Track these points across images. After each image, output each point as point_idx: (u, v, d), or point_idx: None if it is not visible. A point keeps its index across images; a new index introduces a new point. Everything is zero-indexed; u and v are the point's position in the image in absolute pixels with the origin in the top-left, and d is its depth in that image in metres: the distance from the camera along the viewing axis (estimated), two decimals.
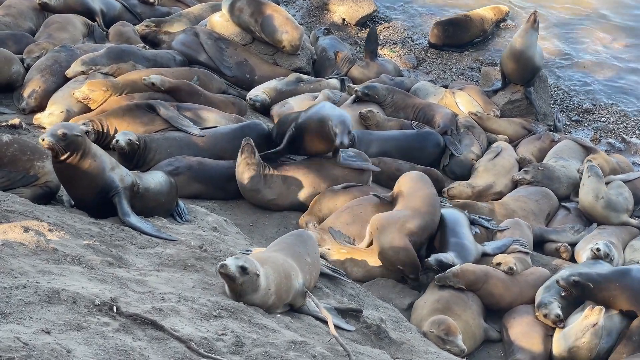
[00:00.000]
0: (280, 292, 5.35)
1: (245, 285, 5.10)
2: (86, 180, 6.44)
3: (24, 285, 4.33)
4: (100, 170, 6.46)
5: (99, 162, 6.46)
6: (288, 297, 5.46)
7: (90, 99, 9.23)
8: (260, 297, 5.20)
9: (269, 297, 5.26)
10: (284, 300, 5.43)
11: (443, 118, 10.53)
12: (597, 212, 9.03)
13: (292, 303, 5.51)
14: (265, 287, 5.22)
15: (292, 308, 5.53)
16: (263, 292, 5.21)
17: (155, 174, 7.26)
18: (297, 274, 5.54)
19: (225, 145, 8.79)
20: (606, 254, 7.92)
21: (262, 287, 5.19)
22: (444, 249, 7.72)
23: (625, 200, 9.21)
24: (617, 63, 13.97)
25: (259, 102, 10.49)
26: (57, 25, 10.77)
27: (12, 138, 6.81)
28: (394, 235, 7.42)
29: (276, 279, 5.32)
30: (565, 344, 6.79)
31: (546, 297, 7.12)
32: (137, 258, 5.67)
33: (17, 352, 3.57)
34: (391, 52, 13.70)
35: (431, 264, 7.42)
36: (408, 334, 6.16)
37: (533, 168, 9.73)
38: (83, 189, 6.53)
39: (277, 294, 5.33)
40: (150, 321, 4.31)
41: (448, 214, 8.09)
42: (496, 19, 14.17)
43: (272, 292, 5.27)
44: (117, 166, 6.68)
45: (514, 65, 11.47)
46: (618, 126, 12.25)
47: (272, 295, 5.28)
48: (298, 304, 5.53)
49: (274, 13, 11.17)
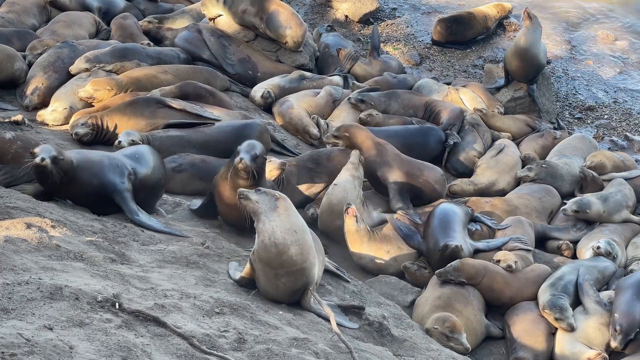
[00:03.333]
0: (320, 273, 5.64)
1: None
2: (84, 189, 6.46)
3: (27, 281, 4.34)
4: (96, 176, 6.46)
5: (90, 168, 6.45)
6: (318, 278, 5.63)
7: (95, 98, 9.23)
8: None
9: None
10: (318, 278, 5.59)
11: (449, 114, 10.51)
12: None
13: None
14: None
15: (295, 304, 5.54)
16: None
17: (144, 155, 7.08)
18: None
19: (227, 143, 8.78)
20: (607, 252, 7.91)
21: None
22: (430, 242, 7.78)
23: (625, 197, 9.19)
24: (620, 60, 13.94)
25: (270, 99, 10.45)
26: (62, 24, 10.79)
27: (16, 135, 6.81)
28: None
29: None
30: (571, 350, 6.81)
31: (559, 301, 7.07)
32: (139, 255, 5.68)
33: (19, 348, 3.58)
34: (394, 49, 13.69)
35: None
36: (410, 331, 6.16)
37: (536, 165, 9.72)
38: (84, 197, 6.54)
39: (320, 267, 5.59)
40: (152, 318, 4.32)
41: (442, 208, 8.10)
42: (499, 16, 14.15)
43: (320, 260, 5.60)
44: (112, 160, 6.67)
45: (519, 63, 11.47)
46: (621, 124, 12.24)
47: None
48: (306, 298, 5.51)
49: (279, 8, 11.17)
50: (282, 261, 5.21)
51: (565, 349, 6.85)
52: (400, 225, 7.94)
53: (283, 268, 5.24)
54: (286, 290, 5.36)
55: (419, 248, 7.81)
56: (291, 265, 5.23)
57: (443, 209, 8.10)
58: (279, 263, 5.22)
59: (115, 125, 8.70)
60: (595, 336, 6.93)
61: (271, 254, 5.20)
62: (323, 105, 10.54)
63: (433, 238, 7.71)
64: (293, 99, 10.44)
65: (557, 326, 7.01)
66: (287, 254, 5.19)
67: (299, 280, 5.34)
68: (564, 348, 6.86)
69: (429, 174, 8.74)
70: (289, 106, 10.26)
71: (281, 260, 5.20)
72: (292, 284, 5.34)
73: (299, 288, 5.40)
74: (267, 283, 5.36)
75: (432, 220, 7.92)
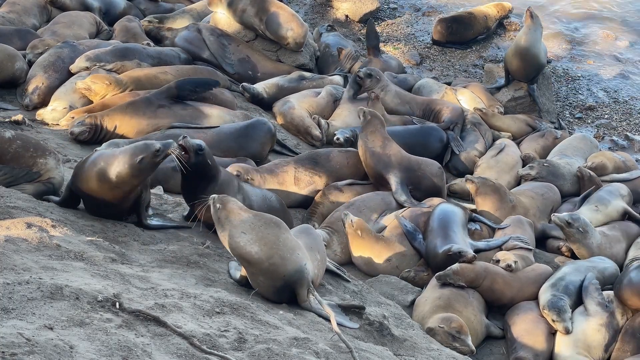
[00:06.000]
0: (319, 271, 5.74)
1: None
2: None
3: (27, 281, 4.34)
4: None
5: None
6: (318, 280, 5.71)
7: (92, 90, 9.22)
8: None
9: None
10: (319, 277, 5.69)
11: (450, 113, 10.52)
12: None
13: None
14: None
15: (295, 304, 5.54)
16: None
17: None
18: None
19: (230, 143, 8.79)
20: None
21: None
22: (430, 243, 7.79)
23: (617, 189, 9.19)
24: (621, 60, 13.95)
25: (250, 92, 10.41)
26: (63, 24, 10.79)
27: (15, 134, 6.77)
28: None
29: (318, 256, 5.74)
30: (573, 350, 6.81)
31: (559, 303, 7.07)
32: (139, 254, 5.68)
33: (20, 347, 3.57)
34: (394, 48, 13.69)
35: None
36: (410, 330, 6.16)
37: (538, 164, 9.73)
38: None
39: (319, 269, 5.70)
40: (153, 317, 4.31)
41: (441, 209, 8.11)
42: (499, 16, 14.16)
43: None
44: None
45: (519, 63, 11.47)
46: (621, 123, 12.24)
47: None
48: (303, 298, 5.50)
49: (279, 10, 11.17)
50: (246, 260, 5.28)
51: (566, 355, 6.85)
52: (405, 222, 7.97)
53: (251, 267, 5.30)
54: (269, 288, 5.36)
55: (419, 249, 7.82)
56: (256, 262, 5.25)
57: (442, 210, 8.10)
58: (246, 261, 5.29)
59: (115, 126, 8.70)
60: (594, 337, 6.92)
61: (235, 253, 5.30)
62: (324, 106, 10.53)
63: (432, 241, 7.72)
64: (294, 99, 10.44)
65: (554, 327, 7.02)
66: (246, 254, 5.24)
67: (275, 278, 5.30)
68: (564, 354, 6.86)
69: (427, 168, 8.86)
70: (291, 106, 10.26)
71: (246, 260, 5.28)
72: (271, 281, 5.31)
73: (281, 286, 5.34)
74: (252, 282, 5.43)
75: (431, 222, 7.93)
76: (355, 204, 8.29)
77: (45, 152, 6.76)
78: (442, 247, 7.54)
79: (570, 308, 7.10)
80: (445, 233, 7.72)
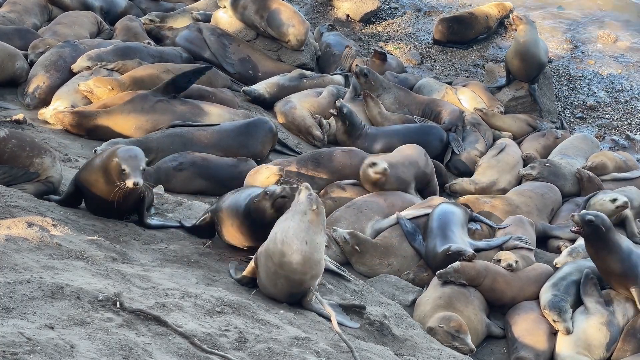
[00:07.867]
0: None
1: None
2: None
3: (28, 280, 4.34)
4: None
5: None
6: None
7: (94, 94, 9.23)
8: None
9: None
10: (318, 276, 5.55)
11: (450, 114, 10.53)
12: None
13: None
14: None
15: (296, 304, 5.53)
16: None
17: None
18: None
19: (230, 141, 8.79)
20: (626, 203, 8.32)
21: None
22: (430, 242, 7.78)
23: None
24: (621, 60, 13.94)
25: (251, 96, 10.42)
26: (64, 24, 10.79)
27: (9, 132, 6.58)
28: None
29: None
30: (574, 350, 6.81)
31: (560, 303, 7.07)
32: (140, 254, 5.68)
33: (20, 347, 3.58)
34: (395, 48, 13.69)
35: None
36: (411, 330, 6.16)
37: (539, 164, 9.73)
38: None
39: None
40: (153, 317, 4.31)
41: (441, 209, 8.10)
42: (500, 16, 14.16)
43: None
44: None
45: (520, 63, 11.48)
46: (622, 123, 12.25)
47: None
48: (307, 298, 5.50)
49: (280, 7, 11.17)
50: (282, 262, 5.20)
51: (566, 354, 6.85)
52: (405, 223, 7.97)
53: (282, 269, 5.24)
54: (283, 290, 5.36)
55: (419, 250, 7.81)
56: (290, 271, 5.23)
57: (442, 210, 8.09)
58: (279, 262, 5.22)
59: (115, 125, 8.70)
60: (595, 337, 6.91)
61: (276, 249, 5.21)
62: (325, 105, 10.53)
63: (431, 241, 7.71)
64: (296, 99, 10.44)
65: (555, 327, 7.02)
66: (288, 257, 5.19)
67: (295, 287, 5.34)
68: (565, 353, 6.85)
69: (407, 149, 9.24)
70: (292, 106, 10.26)
71: (282, 261, 5.20)
72: (289, 288, 5.34)
73: (296, 293, 5.41)
74: (267, 279, 5.36)
75: (430, 223, 7.92)
76: (357, 204, 8.29)
77: (41, 150, 6.66)
78: (441, 247, 7.54)
79: (572, 307, 7.09)
80: (444, 233, 7.72)
